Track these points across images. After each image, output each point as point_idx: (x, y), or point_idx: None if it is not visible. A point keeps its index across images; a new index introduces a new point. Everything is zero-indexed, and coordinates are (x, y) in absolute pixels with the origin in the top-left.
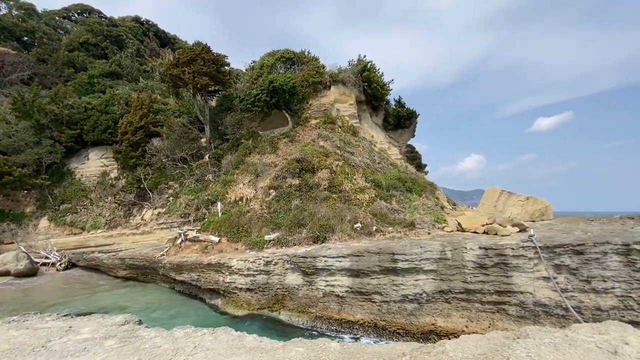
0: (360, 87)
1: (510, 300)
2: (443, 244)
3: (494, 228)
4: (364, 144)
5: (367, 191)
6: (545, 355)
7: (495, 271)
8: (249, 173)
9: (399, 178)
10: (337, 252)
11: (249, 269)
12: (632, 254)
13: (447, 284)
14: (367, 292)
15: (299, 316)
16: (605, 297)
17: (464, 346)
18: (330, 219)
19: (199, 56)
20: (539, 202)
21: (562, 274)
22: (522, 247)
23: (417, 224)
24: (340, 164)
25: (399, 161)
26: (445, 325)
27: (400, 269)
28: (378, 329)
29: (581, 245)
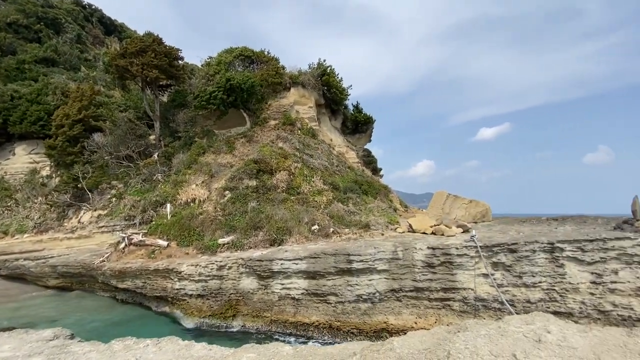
0: (320, 91)
1: (455, 297)
2: (395, 245)
3: (441, 229)
4: (323, 146)
5: (325, 193)
6: (481, 346)
7: (442, 269)
8: (202, 173)
9: (356, 181)
10: (294, 255)
11: (201, 274)
12: (556, 251)
13: (399, 282)
14: (323, 294)
15: (253, 321)
16: (534, 290)
17: (410, 342)
18: (287, 221)
19: (150, 48)
20: (480, 205)
21: (499, 271)
22: (465, 247)
23: (372, 225)
24: (299, 166)
25: (356, 165)
26: (397, 323)
27: (355, 269)
28: (333, 329)
29: (515, 244)
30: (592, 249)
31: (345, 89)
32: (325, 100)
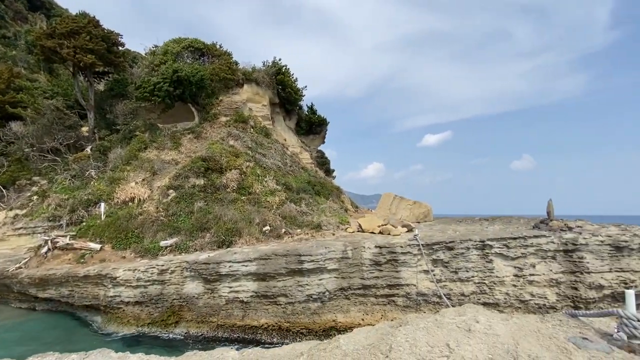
0: (274, 90)
1: (399, 292)
2: (345, 244)
3: (388, 228)
4: (276, 146)
5: (277, 194)
6: (419, 338)
7: (388, 267)
8: (143, 170)
9: (309, 182)
10: (244, 257)
11: (139, 280)
12: (486, 248)
13: (348, 281)
14: (273, 295)
15: (198, 327)
16: (468, 284)
17: (356, 339)
18: (237, 222)
19: (85, 29)
20: (423, 206)
21: (438, 267)
22: (409, 245)
23: (324, 225)
24: (251, 165)
25: (309, 165)
26: (345, 321)
27: (306, 269)
28: (282, 331)
29: (452, 242)
30: (515, 245)
31: (300, 90)
32: (280, 100)
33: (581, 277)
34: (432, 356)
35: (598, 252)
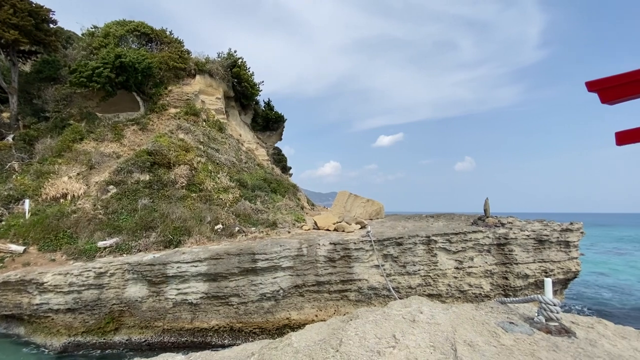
0: (229, 83)
1: (351, 288)
2: (301, 242)
3: (342, 226)
4: (230, 141)
5: (231, 191)
6: (368, 331)
7: (342, 263)
8: (78, 163)
9: (265, 179)
10: (193, 257)
11: (72, 284)
12: (431, 243)
13: (302, 278)
14: (225, 296)
15: (141, 333)
16: (414, 277)
17: (307, 335)
18: (187, 220)
19: (7, 2)
20: (375, 204)
21: (388, 262)
22: (361, 242)
23: (280, 223)
24: (203, 161)
25: (265, 162)
26: (299, 318)
27: (260, 268)
28: (234, 332)
29: (401, 238)
30: (457, 240)
31: (257, 84)
32: (235, 94)
33: (511, 268)
34: (380, 347)
35: (524, 246)
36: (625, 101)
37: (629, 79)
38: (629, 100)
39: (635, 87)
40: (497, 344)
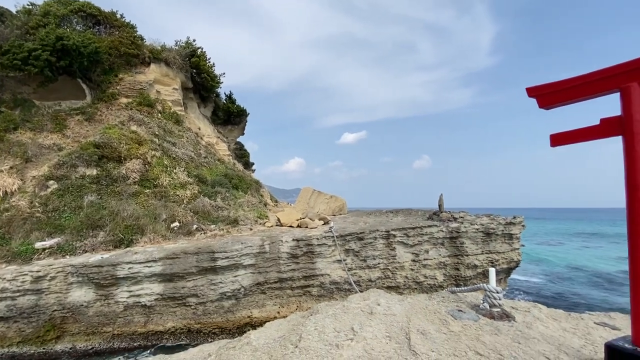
0: (187, 73)
1: (314, 283)
2: (263, 239)
3: (306, 222)
4: (189, 135)
5: (189, 187)
6: (327, 325)
7: (304, 259)
8: (11, 156)
9: (226, 174)
10: (147, 257)
11: (4, 290)
12: (390, 237)
13: (264, 275)
14: (182, 296)
15: (88, 340)
16: (374, 270)
17: (267, 332)
18: (140, 218)
19: None
20: (338, 200)
21: (350, 256)
22: (324, 237)
23: (241, 220)
24: (158, 155)
25: (226, 157)
26: (260, 315)
27: (219, 267)
28: (192, 333)
29: (362, 233)
30: (414, 234)
31: (217, 76)
32: (194, 85)
33: (462, 259)
34: (339, 340)
35: (474, 238)
36: (560, 106)
37: (562, 87)
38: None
39: (567, 94)
40: (447, 330)
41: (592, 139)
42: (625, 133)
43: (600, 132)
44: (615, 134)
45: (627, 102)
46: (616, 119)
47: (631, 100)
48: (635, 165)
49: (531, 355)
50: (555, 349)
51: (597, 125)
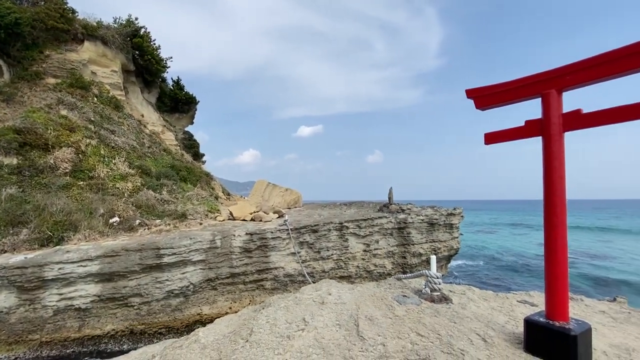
0: (129, 55)
1: (267, 276)
2: (214, 233)
3: (260, 215)
4: (130, 122)
5: (131, 179)
6: (279, 317)
7: (258, 253)
8: None
9: (173, 166)
10: (81, 255)
11: None
12: (344, 229)
13: (215, 271)
14: (123, 297)
15: (10, 349)
16: (328, 261)
17: (217, 329)
18: (72, 213)
19: None
20: (294, 193)
21: (304, 249)
22: (279, 230)
23: (190, 215)
24: (94, 143)
25: (174, 148)
26: (211, 312)
27: (166, 264)
28: (135, 334)
29: (317, 225)
30: (365, 226)
31: (163, 60)
32: (137, 68)
33: (408, 248)
34: (290, 332)
35: (419, 228)
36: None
37: (496, 90)
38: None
39: (500, 97)
40: (392, 315)
41: (518, 138)
42: (544, 134)
43: (525, 132)
44: (537, 135)
45: (547, 107)
46: (537, 122)
47: (550, 105)
48: (552, 163)
49: (464, 332)
50: (484, 325)
51: (522, 126)
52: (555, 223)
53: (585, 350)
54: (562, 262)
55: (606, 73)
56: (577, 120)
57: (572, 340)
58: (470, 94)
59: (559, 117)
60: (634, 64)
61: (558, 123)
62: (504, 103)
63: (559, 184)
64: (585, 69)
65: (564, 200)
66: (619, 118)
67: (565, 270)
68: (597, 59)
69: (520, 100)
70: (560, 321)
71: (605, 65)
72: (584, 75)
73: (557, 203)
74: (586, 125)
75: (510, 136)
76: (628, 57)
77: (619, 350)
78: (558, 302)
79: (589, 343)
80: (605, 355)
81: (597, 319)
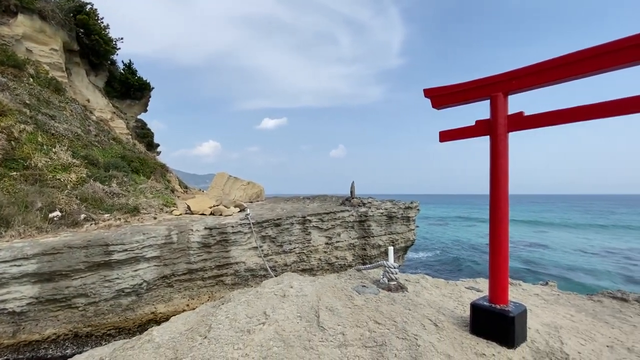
0: (72, 33)
1: (228, 272)
2: (170, 228)
3: (220, 209)
4: (73, 107)
5: (74, 169)
6: (239, 312)
7: (217, 248)
8: None
9: (124, 156)
10: (14, 254)
11: None
12: (306, 223)
13: (171, 268)
14: (66, 298)
15: None
16: (290, 255)
17: (172, 327)
18: (3, 207)
19: None
20: (256, 187)
21: (266, 243)
22: (240, 225)
23: (143, 208)
24: (30, 129)
25: (125, 137)
26: (167, 310)
27: (116, 261)
28: (80, 338)
29: (279, 219)
30: (328, 219)
31: (113, 40)
32: (82, 48)
33: (368, 240)
34: (251, 326)
35: (379, 221)
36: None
37: (450, 91)
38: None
39: (454, 97)
40: (352, 305)
41: (469, 136)
42: (491, 133)
43: (475, 131)
44: (485, 134)
45: (494, 108)
46: (486, 122)
47: (497, 107)
48: (498, 160)
49: (418, 318)
50: (435, 311)
51: (473, 125)
52: (499, 216)
53: (521, 329)
54: (504, 252)
55: (547, 79)
56: (520, 121)
57: (510, 321)
58: (427, 93)
59: (505, 119)
60: (570, 72)
61: (503, 124)
62: (457, 103)
63: (503, 180)
64: (529, 75)
65: (506, 195)
66: (556, 121)
67: (506, 258)
68: (539, 65)
69: (472, 102)
70: (500, 304)
71: (546, 72)
72: (527, 81)
73: (501, 197)
74: (528, 127)
75: (462, 134)
76: (566, 65)
77: (549, 328)
78: (499, 288)
79: (524, 323)
80: (538, 333)
81: (532, 301)
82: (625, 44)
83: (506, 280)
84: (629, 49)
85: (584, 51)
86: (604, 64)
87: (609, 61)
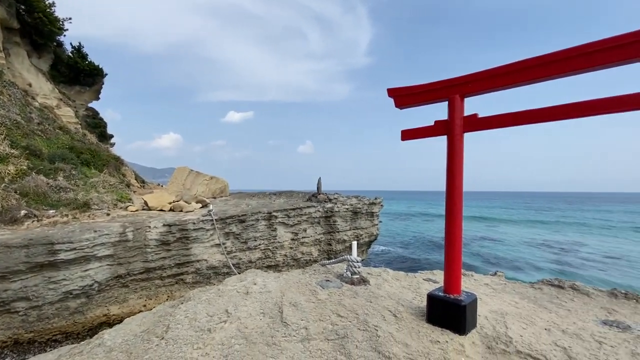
0: (11, 9)
1: (188, 270)
2: (124, 225)
3: (180, 205)
4: (12, 91)
5: (13, 161)
6: (200, 311)
7: (177, 245)
8: None
9: (72, 147)
10: None
11: None
12: (272, 219)
13: (126, 267)
14: (3, 302)
15: None
16: (255, 252)
17: (127, 329)
18: None
19: None
20: (220, 182)
21: (230, 240)
22: (202, 221)
23: (94, 204)
24: None
25: (73, 126)
26: (121, 312)
27: (62, 261)
28: (21, 345)
29: (244, 215)
30: (294, 215)
31: (60, 20)
32: (23, 26)
33: (334, 235)
34: (211, 325)
35: (344, 217)
36: (411, 107)
37: (412, 91)
38: (413, 107)
39: (415, 98)
40: (315, 299)
41: (429, 136)
42: (448, 133)
43: (434, 131)
44: (443, 134)
45: (451, 109)
46: (444, 122)
47: (454, 108)
48: (454, 159)
49: (378, 310)
50: (395, 303)
51: (432, 125)
52: (454, 212)
53: (472, 317)
54: (458, 245)
55: (499, 84)
56: (474, 123)
57: (462, 309)
58: (390, 93)
59: (461, 120)
60: (523, 77)
61: (460, 124)
62: (419, 104)
63: (458, 178)
64: (483, 79)
65: (461, 192)
66: (507, 123)
67: (460, 251)
68: (491, 71)
69: (432, 102)
70: (454, 294)
71: (498, 77)
72: (483, 84)
73: (456, 194)
74: (481, 128)
75: (422, 134)
76: (514, 72)
77: (496, 315)
78: (453, 279)
79: (475, 310)
80: (486, 319)
81: (482, 290)
82: (555, 58)
83: (459, 271)
84: (557, 62)
85: (526, 61)
86: (542, 74)
87: (548, 71)
